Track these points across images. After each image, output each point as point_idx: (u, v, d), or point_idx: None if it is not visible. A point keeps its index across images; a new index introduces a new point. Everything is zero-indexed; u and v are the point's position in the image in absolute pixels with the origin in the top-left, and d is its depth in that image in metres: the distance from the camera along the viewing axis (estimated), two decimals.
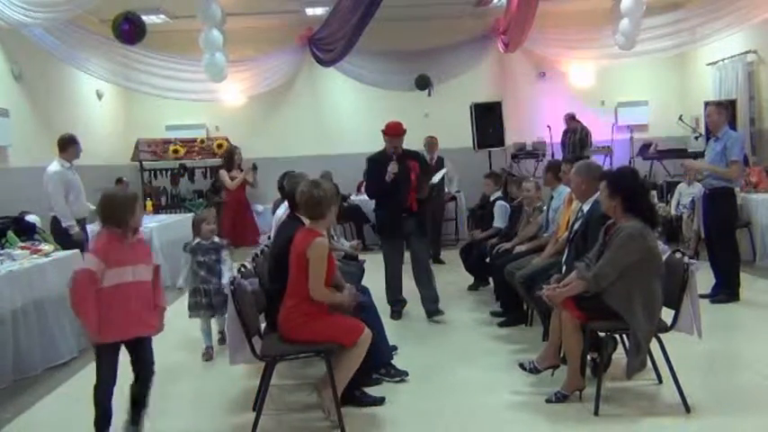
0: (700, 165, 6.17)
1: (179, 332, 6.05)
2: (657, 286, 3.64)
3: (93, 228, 6.25)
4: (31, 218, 6.30)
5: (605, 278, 3.61)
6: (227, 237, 7.95)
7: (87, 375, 4.82)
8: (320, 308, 3.60)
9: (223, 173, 8.14)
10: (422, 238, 5.98)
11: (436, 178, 6.35)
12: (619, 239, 3.61)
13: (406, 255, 6.04)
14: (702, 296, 5.86)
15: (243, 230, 7.70)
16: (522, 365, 4.11)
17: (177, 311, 6.95)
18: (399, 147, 5.85)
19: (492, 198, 7.05)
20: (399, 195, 5.74)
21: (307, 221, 3.85)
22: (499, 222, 6.70)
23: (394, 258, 5.96)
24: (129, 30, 7.67)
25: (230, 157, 8.17)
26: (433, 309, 5.84)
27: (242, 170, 8.10)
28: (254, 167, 8.15)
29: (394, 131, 5.90)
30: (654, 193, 9.16)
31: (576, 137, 10.62)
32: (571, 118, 10.86)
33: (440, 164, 8.87)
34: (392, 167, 5.68)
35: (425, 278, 5.92)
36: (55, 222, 6.32)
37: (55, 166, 6.32)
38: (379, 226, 6.24)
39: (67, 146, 6.38)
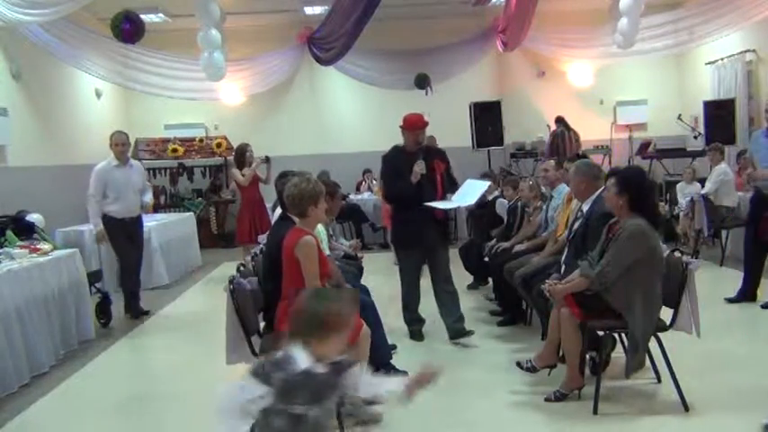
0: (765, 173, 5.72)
1: (179, 331, 6.06)
2: (658, 286, 3.64)
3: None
4: (32, 217, 6.29)
5: (608, 276, 3.61)
6: (244, 237, 7.94)
7: (86, 375, 4.83)
8: None
9: (235, 171, 8.07)
10: (445, 250, 5.23)
11: (473, 197, 5.01)
12: (622, 238, 3.61)
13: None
14: (731, 300, 5.83)
15: (259, 229, 7.61)
16: (519, 364, 4.11)
17: (176, 309, 6.98)
18: (422, 142, 5.10)
19: (490, 197, 7.04)
20: (424, 199, 4.92)
21: (297, 221, 3.85)
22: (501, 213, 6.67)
23: (412, 274, 5.23)
24: (130, 29, 7.66)
25: (241, 155, 8.07)
26: (459, 328, 5.11)
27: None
28: (267, 160, 8.00)
29: (414, 124, 5.04)
30: None
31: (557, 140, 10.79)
32: (556, 121, 10.97)
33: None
34: (418, 167, 4.90)
35: (449, 299, 5.15)
36: (104, 219, 6.36)
37: (101, 163, 6.38)
38: (396, 236, 5.41)
39: (111, 143, 6.38)
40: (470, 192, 5.06)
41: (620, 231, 3.67)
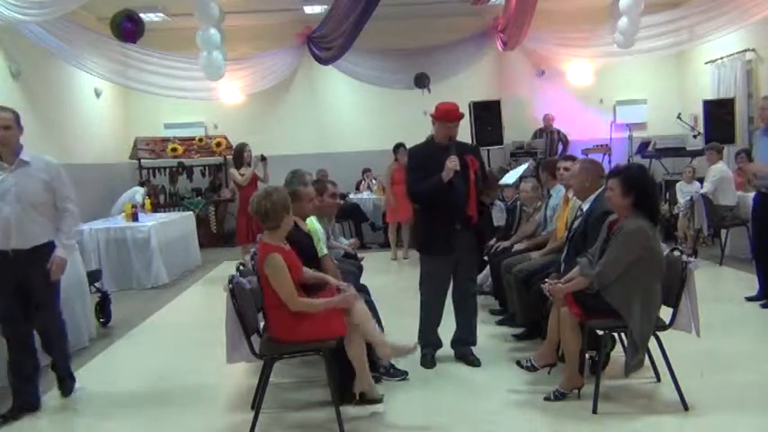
0: (761, 168, 5.70)
1: (179, 330, 6.07)
2: (657, 287, 3.64)
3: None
4: None
5: (608, 276, 3.61)
6: (242, 237, 7.94)
7: (82, 375, 4.83)
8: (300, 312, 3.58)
9: (233, 171, 8.05)
10: (474, 259, 4.69)
11: (513, 176, 4.79)
12: (622, 237, 3.61)
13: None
14: (750, 299, 5.85)
15: (257, 229, 7.59)
16: (519, 363, 4.11)
17: (176, 308, 6.98)
18: (456, 135, 4.49)
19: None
20: (454, 200, 4.38)
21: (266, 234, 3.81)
22: (499, 221, 6.69)
23: (436, 285, 4.57)
24: (132, 28, 7.66)
25: (240, 155, 8.04)
26: (466, 353, 4.65)
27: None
28: (263, 158, 7.97)
29: (446, 114, 4.44)
30: None
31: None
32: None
33: None
34: (452, 163, 4.30)
35: (465, 314, 4.68)
36: None
37: None
38: (422, 240, 4.73)
39: None
40: (512, 174, 4.63)
41: (619, 230, 3.67)
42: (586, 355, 3.94)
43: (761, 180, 5.76)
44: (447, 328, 4.72)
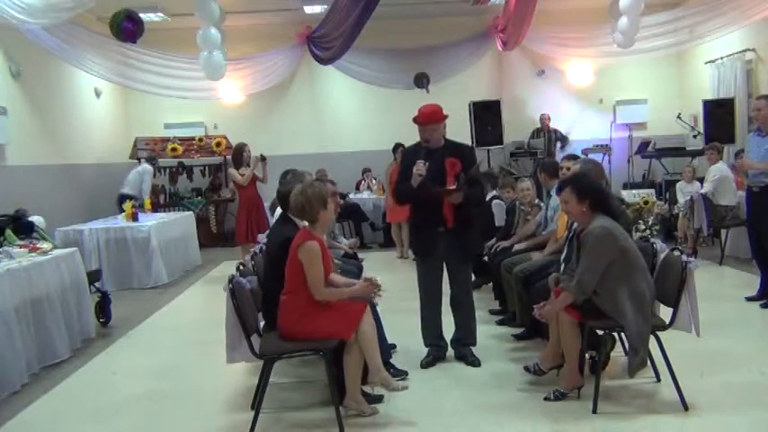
0: (757, 165, 5.68)
1: (179, 330, 6.07)
2: (641, 283, 3.64)
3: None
4: (32, 218, 6.27)
5: (587, 285, 3.61)
6: (242, 237, 7.95)
7: (83, 375, 4.84)
8: (314, 302, 3.60)
9: (232, 171, 8.05)
10: (463, 263, 4.62)
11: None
12: (590, 243, 3.61)
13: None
14: (750, 299, 5.86)
15: (257, 229, 7.59)
16: (527, 368, 4.10)
17: (176, 308, 6.98)
18: (435, 139, 4.45)
19: (488, 198, 7.04)
20: (430, 204, 4.40)
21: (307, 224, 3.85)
22: (500, 221, 6.70)
23: (428, 286, 4.63)
24: (132, 28, 7.66)
25: (239, 154, 8.05)
26: (465, 353, 4.63)
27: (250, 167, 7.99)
28: (263, 158, 7.96)
29: (423, 118, 4.44)
30: (652, 191, 9.19)
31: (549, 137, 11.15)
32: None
33: None
34: (417, 168, 4.31)
35: (461, 315, 4.67)
36: None
37: None
38: (412, 241, 4.99)
39: None
40: None
41: (585, 238, 3.66)
42: (586, 355, 3.94)
43: (751, 178, 5.80)
44: (447, 328, 4.74)
